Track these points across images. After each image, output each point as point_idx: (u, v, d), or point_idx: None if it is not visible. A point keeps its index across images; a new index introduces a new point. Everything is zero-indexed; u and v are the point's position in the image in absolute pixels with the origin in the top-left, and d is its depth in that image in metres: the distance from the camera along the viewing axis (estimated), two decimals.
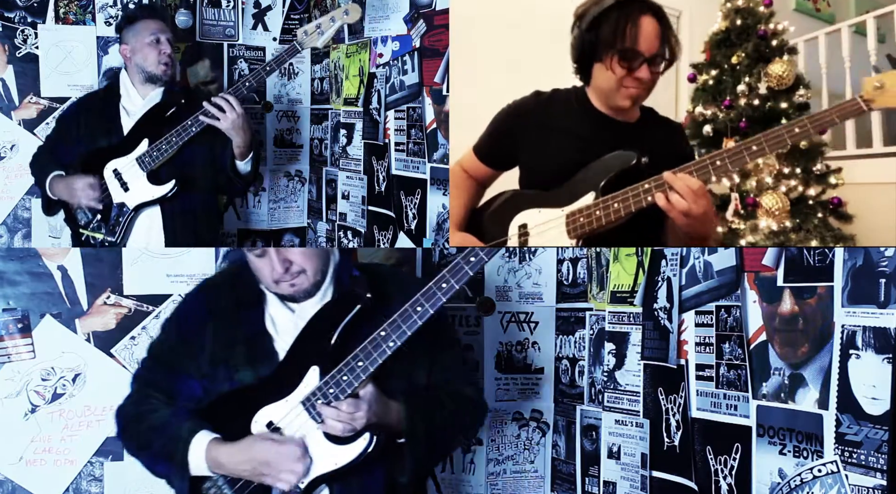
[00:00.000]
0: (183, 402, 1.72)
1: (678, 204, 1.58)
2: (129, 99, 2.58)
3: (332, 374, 1.59)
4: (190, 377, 1.72)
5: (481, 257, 1.57)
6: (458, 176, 2.06)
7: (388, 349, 1.58)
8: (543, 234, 1.82)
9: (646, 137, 1.83)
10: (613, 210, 1.69)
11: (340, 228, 3.07)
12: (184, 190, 2.50)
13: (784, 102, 3.23)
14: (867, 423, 1.44)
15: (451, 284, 1.57)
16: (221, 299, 1.77)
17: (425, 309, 1.57)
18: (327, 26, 2.46)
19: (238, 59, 3.21)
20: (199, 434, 1.63)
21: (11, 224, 2.93)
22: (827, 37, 4.30)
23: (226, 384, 1.69)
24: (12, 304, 2.25)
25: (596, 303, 2.33)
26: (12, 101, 2.90)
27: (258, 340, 1.70)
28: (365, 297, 1.64)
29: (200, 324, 1.74)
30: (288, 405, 1.62)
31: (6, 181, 2.91)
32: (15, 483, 2.21)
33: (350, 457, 1.59)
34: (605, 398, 2.21)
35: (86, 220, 2.52)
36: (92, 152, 2.52)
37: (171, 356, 1.76)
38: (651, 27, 1.73)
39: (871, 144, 3.98)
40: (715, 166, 1.60)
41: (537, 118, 1.90)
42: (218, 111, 2.39)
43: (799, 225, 3.09)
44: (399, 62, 2.57)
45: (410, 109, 2.51)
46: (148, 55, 2.53)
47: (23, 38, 2.90)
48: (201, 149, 2.51)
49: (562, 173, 1.81)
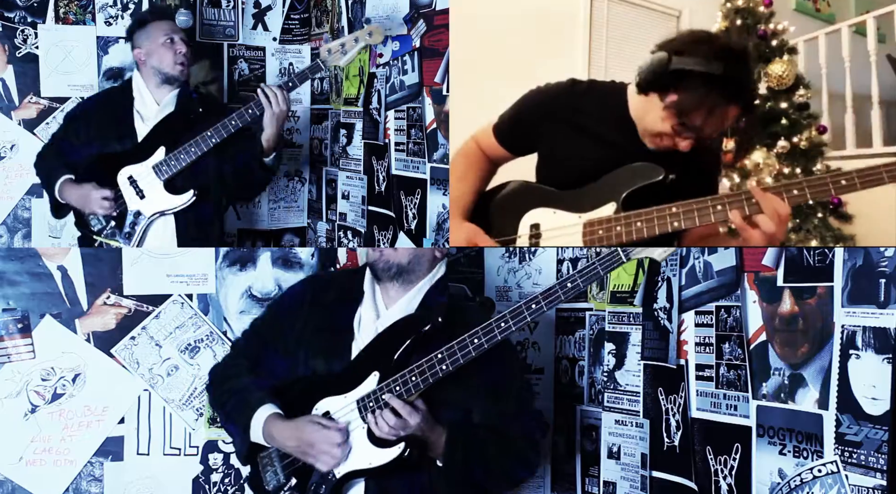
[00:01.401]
0: (264, 373, 1.89)
1: (766, 227, 1.49)
2: (144, 103, 2.57)
3: (386, 382, 1.71)
4: (276, 353, 1.89)
5: (542, 305, 1.64)
6: (472, 152, 1.98)
7: (441, 371, 1.68)
8: (557, 239, 1.78)
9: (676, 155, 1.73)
10: (636, 229, 1.64)
11: (340, 228, 3.07)
12: (198, 199, 2.52)
13: (784, 102, 3.23)
14: (867, 423, 1.44)
15: (510, 324, 1.65)
16: (325, 290, 1.94)
17: (481, 342, 1.67)
18: (350, 46, 2.49)
19: (238, 59, 3.21)
20: (264, 405, 1.80)
21: (11, 224, 2.92)
22: (827, 37, 4.30)
23: (302, 367, 1.85)
24: (12, 304, 2.25)
25: (596, 303, 2.33)
26: (12, 101, 2.90)
27: (341, 335, 1.85)
28: (437, 320, 1.74)
29: (298, 307, 1.92)
30: (345, 401, 1.76)
31: (6, 181, 2.91)
32: (15, 483, 2.21)
33: (383, 460, 1.71)
34: (605, 398, 2.21)
35: (99, 226, 2.52)
36: (104, 157, 2.51)
37: (266, 331, 1.95)
38: (731, 117, 1.62)
39: (871, 144, 3.99)
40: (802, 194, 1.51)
41: (567, 111, 1.81)
42: (276, 96, 2.43)
43: (799, 225, 3.10)
44: (399, 62, 2.57)
45: (410, 109, 2.51)
46: (164, 56, 2.53)
47: (23, 38, 2.90)
48: (214, 158, 2.51)
49: (583, 173, 1.75)
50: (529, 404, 1.94)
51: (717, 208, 1.56)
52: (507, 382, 1.82)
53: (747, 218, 1.52)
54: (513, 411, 1.84)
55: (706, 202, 1.57)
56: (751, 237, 1.51)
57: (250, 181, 2.64)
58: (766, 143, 3.22)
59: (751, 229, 1.51)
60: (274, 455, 1.82)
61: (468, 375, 1.72)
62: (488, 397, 1.80)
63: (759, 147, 3.21)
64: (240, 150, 2.53)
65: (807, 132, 3.22)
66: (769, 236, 1.50)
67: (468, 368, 1.70)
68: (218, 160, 2.53)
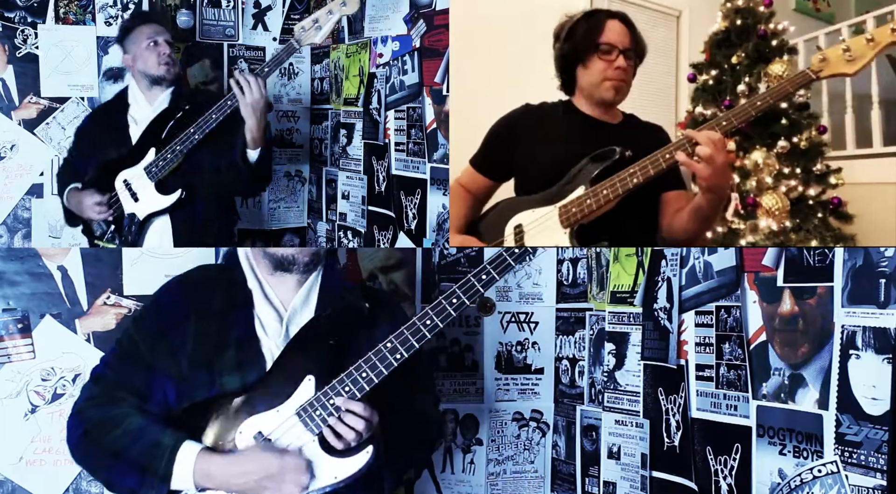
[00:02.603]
0: (154, 407, 1.59)
1: (702, 152, 1.65)
2: (138, 107, 2.58)
3: (332, 384, 1.55)
4: (166, 379, 1.60)
5: (493, 275, 1.59)
6: (456, 193, 2.15)
7: (395, 360, 1.56)
8: (538, 229, 1.87)
9: (630, 136, 1.95)
10: (603, 196, 1.78)
11: (340, 228, 3.07)
12: (191, 198, 2.50)
13: (784, 102, 3.23)
14: (867, 423, 1.44)
15: (462, 299, 1.58)
16: (209, 297, 1.67)
17: (434, 323, 1.58)
18: (325, 20, 2.37)
19: (238, 59, 3.21)
20: (186, 443, 1.52)
21: (11, 224, 2.92)
22: (827, 37, 4.30)
23: (205, 389, 1.59)
24: (12, 304, 2.25)
25: (596, 303, 2.33)
26: (12, 101, 2.90)
27: (247, 344, 1.63)
28: (364, 307, 1.65)
29: (182, 320, 1.64)
30: (280, 416, 1.55)
31: (6, 181, 2.91)
32: (15, 483, 2.21)
33: (351, 471, 1.55)
34: (605, 398, 2.21)
35: (101, 231, 2.54)
36: (103, 164, 2.53)
37: (147, 355, 1.62)
38: (617, 26, 1.96)
39: (871, 144, 3.98)
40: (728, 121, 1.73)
41: (528, 128, 2.03)
42: (242, 88, 2.32)
43: (799, 225, 3.09)
44: (399, 62, 2.57)
45: (410, 109, 2.51)
46: (148, 59, 2.54)
47: (23, 38, 2.90)
48: (207, 155, 2.49)
49: (553, 176, 1.91)
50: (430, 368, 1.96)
51: (665, 155, 1.73)
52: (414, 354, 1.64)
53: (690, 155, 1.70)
54: (422, 381, 1.81)
55: (655, 155, 1.75)
56: (696, 169, 1.67)
57: (238, 177, 2.52)
58: (766, 143, 3.22)
59: (694, 163, 1.67)
60: None
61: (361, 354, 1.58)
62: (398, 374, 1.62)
63: (759, 147, 3.20)
64: (230, 145, 2.48)
65: (807, 132, 3.22)
66: (707, 158, 1.64)
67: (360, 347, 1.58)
68: (212, 157, 2.51)
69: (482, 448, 2.53)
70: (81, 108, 2.94)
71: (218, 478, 1.51)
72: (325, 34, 2.40)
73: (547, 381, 2.56)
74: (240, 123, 2.39)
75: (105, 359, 1.70)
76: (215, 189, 2.57)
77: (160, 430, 1.54)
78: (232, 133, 2.45)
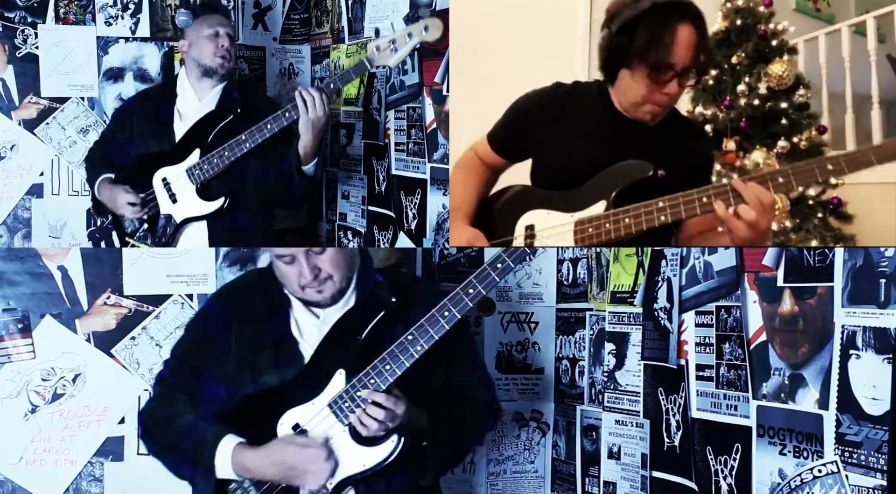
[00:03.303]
0: (207, 405, 1.74)
1: (747, 215, 1.48)
2: (185, 99, 2.50)
3: (358, 377, 1.63)
4: (215, 380, 1.75)
5: (508, 263, 1.61)
6: (472, 162, 2.00)
7: (416, 352, 1.62)
8: (550, 239, 1.79)
9: (666, 144, 1.76)
10: (624, 225, 1.64)
11: (340, 228, 3.07)
12: (233, 206, 2.41)
13: (784, 102, 3.23)
14: (867, 423, 1.44)
15: (479, 289, 1.62)
16: (248, 303, 1.80)
17: (452, 314, 1.62)
18: (402, 43, 2.19)
19: (238, 59, 3.21)
20: (224, 438, 1.65)
21: (11, 224, 2.93)
22: (827, 37, 4.30)
23: (250, 387, 1.72)
24: (12, 304, 2.25)
25: (596, 303, 2.33)
26: (12, 101, 2.90)
27: (284, 344, 1.74)
28: (390, 301, 1.69)
29: (226, 327, 1.77)
30: (314, 408, 1.66)
31: (6, 181, 2.91)
32: (15, 483, 2.21)
33: (378, 459, 1.63)
34: (605, 398, 2.21)
35: (132, 228, 2.47)
36: (142, 157, 2.46)
37: (196, 359, 1.78)
38: (688, 36, 1.63)
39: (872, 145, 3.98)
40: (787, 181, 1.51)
41: (554, 112, 1.84)
42: (306, 103, 2.23)
43: (799, 225, 3.09)
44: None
45: (410, 109, 2.51)
46: (204, 48, 2.45)
47: (23, 38, 2.90)
48: (254, 163, 2.40)
49: (574, 173, 1.76)
50: (477, 353, 1.95)
51: (702, 200, 1.55)
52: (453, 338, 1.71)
53: (731, 209, 1.52)
54: (466, 365, 1.84)
55: (692, 195, 1.57)
56: (735, 228, 1.50)
57: (290, 190, 2.42)
58: (766, 143, 3.22)
59: (735, 219, 1.50)
60: (247, 485, 1.67)
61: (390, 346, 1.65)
62: (441, 359, 1.74)
63: (759, 147, 3.21)
64: (281, 156, 2.37)
65: (807, 132, 3.22)
66: (752, 224, 1.48)
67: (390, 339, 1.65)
68: (260, 166, 2.41)
69: (482, 448, 2.53)
70: (81, 108, 2.94)
71: (252, 469, 1.64)
72: (399, 58, 2.22)
73: (547, 381, 2.56)
74: (293, 136, 2.30)
75: (166, 363, 1.87)
76: (261, 200, 2.49)
77: (206, 427, 1.69)
78: (283, 144, 2.34)
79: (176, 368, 1.82)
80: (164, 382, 1.83)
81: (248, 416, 1.69)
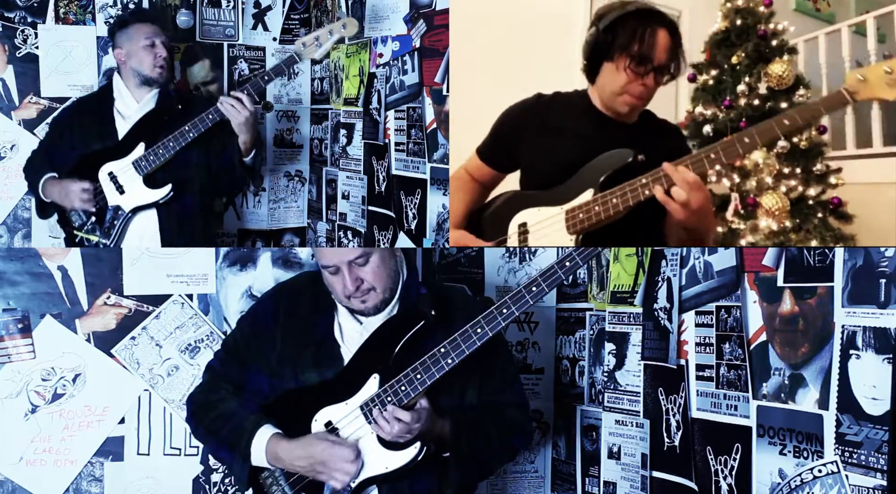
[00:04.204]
0: (250, 395, 1.83)
1: (677, 195, 1.61)
2: (124, 102, 2.61)
3: (390, 383, 1.69)
4: (259, 373, 1.83)
5: (542, 288, 1.66)
6: (461, 180, 2.10)
7: (447, 365, 1.67)
8: (543, 232, 1.84)
9: (645, 138, 1.88)
10: (612, 205, 1.73)
11: (340, 228, 3.07)
12: (179, 193, 2.54)
13: (784, 102, 3.23)
14: (867, 423, 1.44)
15: (512, 310, 1.67)
16: (297, 302, 1.87)
17: (484, 332, 1.67)
18: (325, 39, 2.52)
19: (238, 59, 3.21)
20: (262, 427, 1.74)
21: (11, 224, 2.93)
22: (827, 37, 4.30)
23: (292, 382, 1.79)
24: (12, 304, 2.25)
25: (596, 303, 2.33)
26: (12, 101, 2.90)
27: (326, 345, 1.81)
28: (429, 314, 1.73)
29: (274, 324, 1.85)
30: (347, 408, 1.73)
31: (6, 181, 2.91)
32: (15, 483, 2.21)
33: (400, 463, 1.70)
34: (606, 398, 2.21)
35: (80, 222, 2.55)
36: (86, 156, 2.55)
37: (244, 352, 1.87)
38: (665, 40, 1.81)
39: (871, 144, 3.98)
40: (709, 159, 1.65)
41: (538, 119, 1.95)
42: (235, 107, 2.44)
43: (799, 225, 3.09)
44: (399, 62, 2.57)
45: (410, 109, 2.51)
46: (143, 59, 2.57)
47: (23, 38, 2.90)
48: (197, 152, 2.55)
49: (561, 173, 1.85)
50: (513, 373, 1.97)
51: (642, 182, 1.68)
52: (491, 356, 1.80)
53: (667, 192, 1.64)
54: (499, 383, 1.87)
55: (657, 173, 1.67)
56: (673, 210, 1.63)
57: (232, 178, 2.67)
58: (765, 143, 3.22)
59: (671, 201, 1.62)
60: (278, 474, 1.77)
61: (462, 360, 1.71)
62: (476, 374, 1.80)
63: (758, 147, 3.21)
64: (223, 147, 2.57)
65: (807, 132, 3.22)
66: (683, 203, 1.60)
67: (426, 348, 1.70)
68: (203, 155, 2.58)
69: None
70: None
71: (284, 460, 1.72)
72: (323, 52, 2.55)
73: (547, 381, 2.56)
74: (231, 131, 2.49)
75: (217, 353, 1.96)
76: (206, 186, 2.64)
77: (246, 415, 1.77)
78: (225, 135, 2.52)
79: (224, 359, 1.90)
80: (212, 370, 1.92)
81: (286, 410, 1.77)
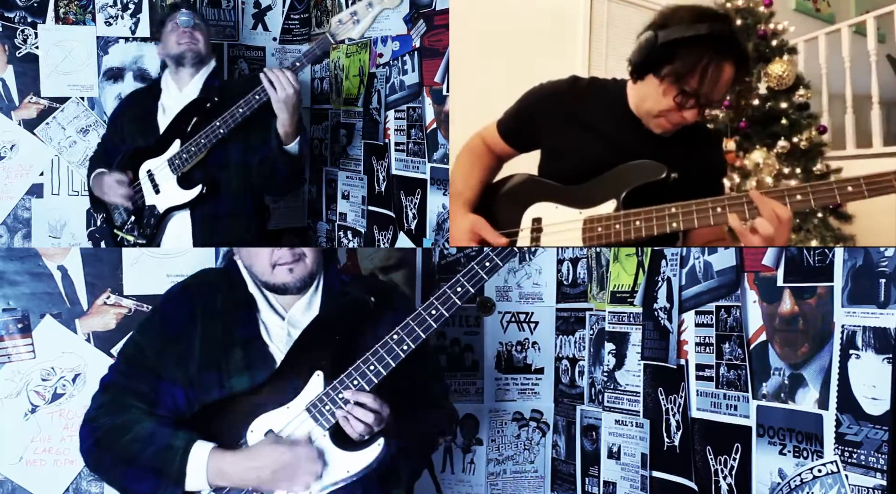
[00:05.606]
0: (164, 411, 1.60)
1: (763, 230, 1.43)
2: (168, 93, 2.54)
3: (340, 379, 1.55)
4: (174, 385, 1.61)
5: (496, 262, 1.57)
6: (478, 149, 1.97)
7: (402, 352, 1.56)
8: (558, 235, 1.75)
9: (680, 146, 1.74)
10: (634, 228, 1.61)
11: (340, 228, 3.07)
12: (213, 194, 2.41)
13: (784, 102, 3.23)
14: (867, 423, 1.44)
15: (467, 288, 1.57)
16: (212, 299, 1.68)
17: (440, 312, 1.57)
18: (364, 13, 2.24)
19: (238, 59, 3.21)
20: (197, 443, 1.52)
21: (11, 224, 2.92)
22: (827, 37, 4.31)
23: (215, 390, 1.60)
24: (12, 304, 2.25)
25: (596, 303, 2.33)
26: (12, 101, 2.90)
27: (254, 344, 1.64)
28: (369, 301, 1.64)
29: (187, 326, 1.65)
30: (290, 412, 1.56)
31: (6, 181, 2.91)
32: (15, 483, 2.21)
33: (363, 464, 1.54)
34: (605, 398, 2.21)
35: (121, 221, 2.51)
36: (130, 153, 2.49)
37: (153, 362, 1.63)
38: (728, 75, 1.61)
39: (871, 144, 3.99)
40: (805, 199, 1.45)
41: (568, 107, 1.81)
42: (280, 79, 2.22)
43: (799, 225, 3.10)
44: (399, 62, 2.57)
45: (410, 109, 2.51)
46: (168, 40, 2.52)
47: (23, 38, 2.90)
48: (234, 150, 2.41)
49: (584, 171, 1.73)
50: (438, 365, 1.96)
51: (716, 211, 1.51)
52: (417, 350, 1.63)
53: (746, 222, 1.48)
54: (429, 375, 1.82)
55: (706, 204, 1.53)
56: (749, 242, 1.47)
57: (275, 173, 2.40)
58: (766, 143, 3.22)
59: (749, 233, 1.46)
60: None
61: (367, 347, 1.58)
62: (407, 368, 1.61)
63: (759, 147, 3.21)
64: (263, 140, 2.37)
65: (807, 132, 3.22)
66: (767, 239, 1.44)
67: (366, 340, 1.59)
68: (240, 152, 2.43)
69: (482, 448, 2.53)
70: (81, 108, 2.94)
71: (232, 475, 1.51)
72: (363, 29, 2.27)
73: (547, 381, 2.56)
74: (272, 117, 2.29)
75: (113, 367, 1.71)
76: (244, 186, 2.47)
77: (171, 433, 1.54)
78: (263, 128, 2.34)
79: (128, 371, 1.65)
80: (113, 387, 1.64)
81: (209, 424, 1.56)
